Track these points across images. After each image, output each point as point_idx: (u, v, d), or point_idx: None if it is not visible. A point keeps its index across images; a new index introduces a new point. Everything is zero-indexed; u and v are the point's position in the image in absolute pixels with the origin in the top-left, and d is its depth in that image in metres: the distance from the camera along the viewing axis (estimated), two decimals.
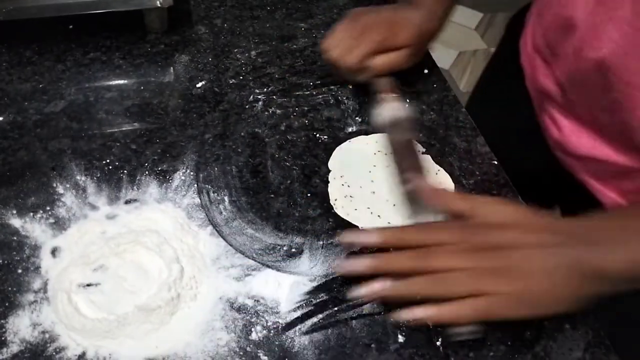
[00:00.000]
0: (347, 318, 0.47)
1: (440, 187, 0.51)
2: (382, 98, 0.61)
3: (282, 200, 0.56)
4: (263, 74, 0.70)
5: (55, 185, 0.56)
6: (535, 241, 0.43)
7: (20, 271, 0.50)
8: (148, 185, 0.57)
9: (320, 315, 0.48)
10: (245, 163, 0.60)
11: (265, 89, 0.68)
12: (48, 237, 0.52)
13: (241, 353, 0.45)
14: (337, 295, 0.49)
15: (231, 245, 0.52)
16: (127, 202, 0.55)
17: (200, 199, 0.56)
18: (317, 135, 0.63)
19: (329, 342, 0.46)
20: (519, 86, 0.67)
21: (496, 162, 0.60)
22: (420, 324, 0.45)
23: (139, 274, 0.49)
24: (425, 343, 0.46)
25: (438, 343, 0.46)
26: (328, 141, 0.62)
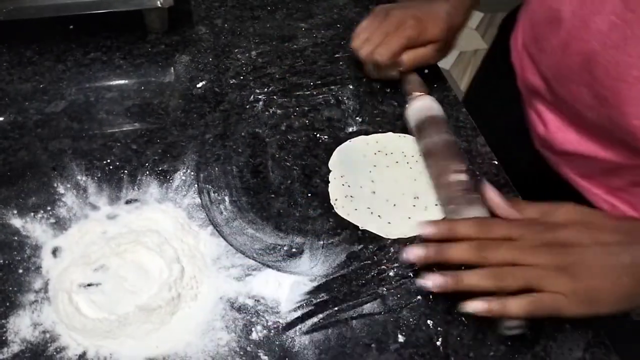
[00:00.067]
0: (348, 318, 0.48)
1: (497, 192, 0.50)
2: (415, 96, 0.62)
3: (283, 200, 0.56)
4: (263, 74, 0.70)
5: (56, 185, 0.56)
6: (597, 239, 0.43)
7: (21, 271, 0.50)
8: (149, 185, 0.57)
9: (320, 315, 0.48)
10: (245, 163, 0.60)
11: (265, 89, 0.68)
12: (49, 237, 0.52)
13: (241, 353, 0.45)
14: (338, 295, 0.49)
15: (232, 245, 0.52)
16: (128, 202, 0.55)
17: (200, 199, 0.56)
18: (318, 135, 0.63)
19: (329, 342, 0.46)
20: (511, 85, 0.67)
21: (496, 162, 0.60)
22: (479, 317, 0.44)
23: (140, 274, 0.49)
24: (425, 343, 0.46)
25: (438, 343, 0.46)
26: (328, 141, 0.62)
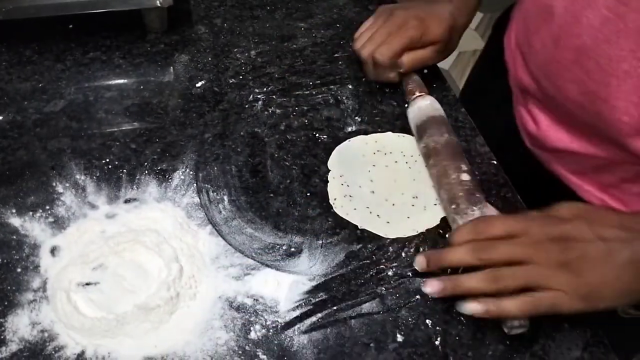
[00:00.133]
0: (346, 317, 0.47)
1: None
2: (412, 96, 0.61)
3: (282, 199, 0.56)
4: (263, 74, 0.70)
5: (54, 184, 0.56)
6: (599, 234, 0.43)
7: (19, 270, 0.50)
8: (147, 184, 0.57)
9: (319, 314, 0.48)
10: (244, 162, 0.60)
11: (264, 89, 0.68)
12: (47, 236, 0.52)
13: (240, 352, 0.45)
14: (336, 294, 0.49)
15: (230, 244, 0.52)
16: (127, 202, 0.55)
17: (199, 198, 0.56)
18: (317, 134, 0.63)
19: (328, 341, 0.46)
20: (504, 84, 0.67)
21: (495, 162, 0.60)
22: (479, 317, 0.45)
23: (138, 273, 0.49)
24: (424, 342, 0.46)
25: (437, 342, 0.46)
26: (327, 141, 0.62)
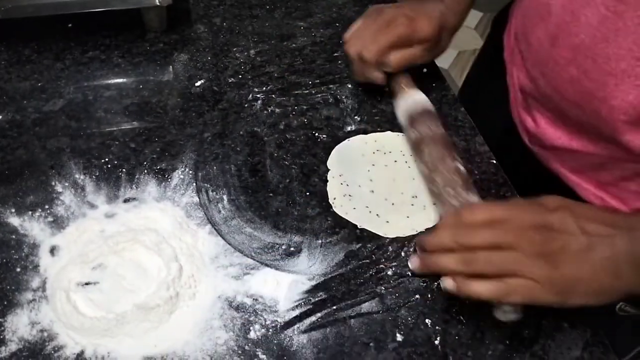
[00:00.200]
0: (346, 317, 0.47)
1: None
2: (404, 91, 0.61)
3: (281, 199, 0.56)
4: (262, 73, 0.70)
5: (54, 183, 0.56)
6: (582, 228, 0.43)
7: (18, 270, 0.50)
8: (147, 184, 0.57)
9: (318, 314, 0.48)
10: (244, 162, 0.60)
11: (264, 88, 0.68)
12: (47, 236, 0.52)
13: (239, 352, 0.45)
14: (336, 294, 0.49)
15: (230, 244, 0.52)
16: (126, 201, 0.55)
17: (199, 198, 0.56)
18: (316, 134, 0.63)
19: (328, 341, 0.46)
20: (503, 82, 0.67)
21: (495, 162, 0.60)
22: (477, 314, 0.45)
23: (138, 273, 0.49)
24: (423, 342, 0.46)
25: (436, 342, 0.46)
26: (327, 140, 0.62)
